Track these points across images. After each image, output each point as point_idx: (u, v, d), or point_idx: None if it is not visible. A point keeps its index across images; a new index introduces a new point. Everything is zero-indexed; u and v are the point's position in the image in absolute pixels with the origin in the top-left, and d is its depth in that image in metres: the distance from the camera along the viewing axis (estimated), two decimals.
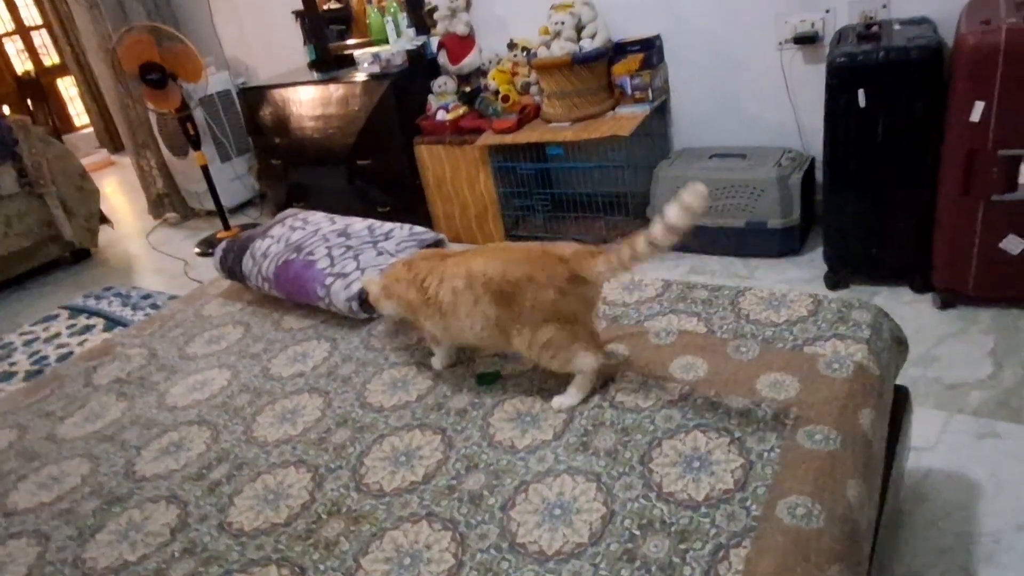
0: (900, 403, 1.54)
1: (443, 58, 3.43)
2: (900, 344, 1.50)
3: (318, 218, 2.16)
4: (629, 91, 2.98)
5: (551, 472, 1.22)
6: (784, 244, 2.74)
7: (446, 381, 1.53)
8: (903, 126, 2.19)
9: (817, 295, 1.55)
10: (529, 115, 3.13)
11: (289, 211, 2.30)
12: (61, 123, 7.25)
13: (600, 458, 1.23)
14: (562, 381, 1.40)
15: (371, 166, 3.52)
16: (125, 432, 1.61)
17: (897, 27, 2.31)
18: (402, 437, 1.39)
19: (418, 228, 2.05)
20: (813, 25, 2.65)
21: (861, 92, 2.16)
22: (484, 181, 3.24)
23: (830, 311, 1.49)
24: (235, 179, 4.57)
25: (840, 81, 2.20)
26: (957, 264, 2.21)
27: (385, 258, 1.91)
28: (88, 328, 2.86)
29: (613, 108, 3.00)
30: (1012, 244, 2.10)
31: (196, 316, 2.10)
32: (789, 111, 2.83)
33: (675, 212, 1.15)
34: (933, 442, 1.80)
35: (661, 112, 3.08)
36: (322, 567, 1.14)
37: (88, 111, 7.16)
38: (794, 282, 2.61)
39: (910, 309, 2.32)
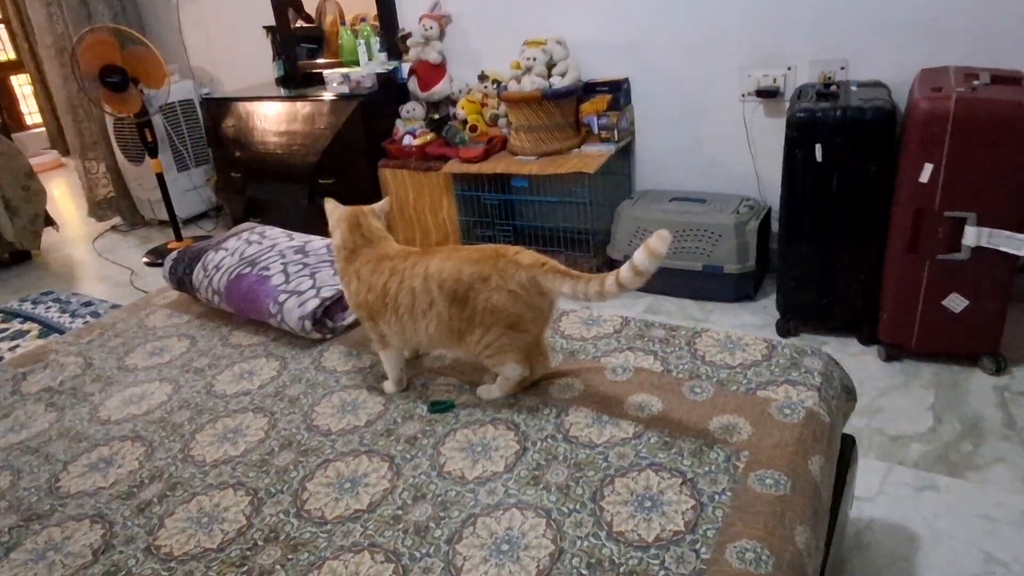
0: (846, 452, 1.57)
1: (413, 84, 3.43)
2: (849, 393, 1.52)
3: (276, 233, 2.12)
4: (596, 130, 3.02)
5: (500, 505, 1.20)
6: (739, 289, 2.79)
7: (398, 407, 1.49)
8: (856, 183, 2.26)
9: (771, 340, 1.57)
10: (496, 146, 3.15)
11: (246, 224, 2.25)
12: (12, 121, 7.02)
13: (551, 493, 1.21)
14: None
15: (333, 186, 3.48)
16: (51, 445, 1.52)
17: (854, 88, 2.41)
18: (348, 463, 1.34)
19: None
20: (775, 80, 2.74)
21: (818, 147, 2.23)
22: (447, 208, 3.23)
23: (783, 356, 1.51)
24: (191, 190, 4.47)
25: (799, 135, 2.27)
26: (902, 319, 2.27)
27: None
28: (21, 333, 2.72)
29: (579, 145, 3.04)
30: (954, 303, 2.17)
31: (139, 326, 2.02)
32: (749, 161, 2.90)
33: (642, 257, 1.23)
34: (875, 492, 1.83)
35: (626, 152, 3.13)
36: None
37: (41, 111, 6.95)
38: (747, 327, 2.65)
39: (856, 360, 2.37)
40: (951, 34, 2.42)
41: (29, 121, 7.14)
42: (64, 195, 5.77)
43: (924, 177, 2.07)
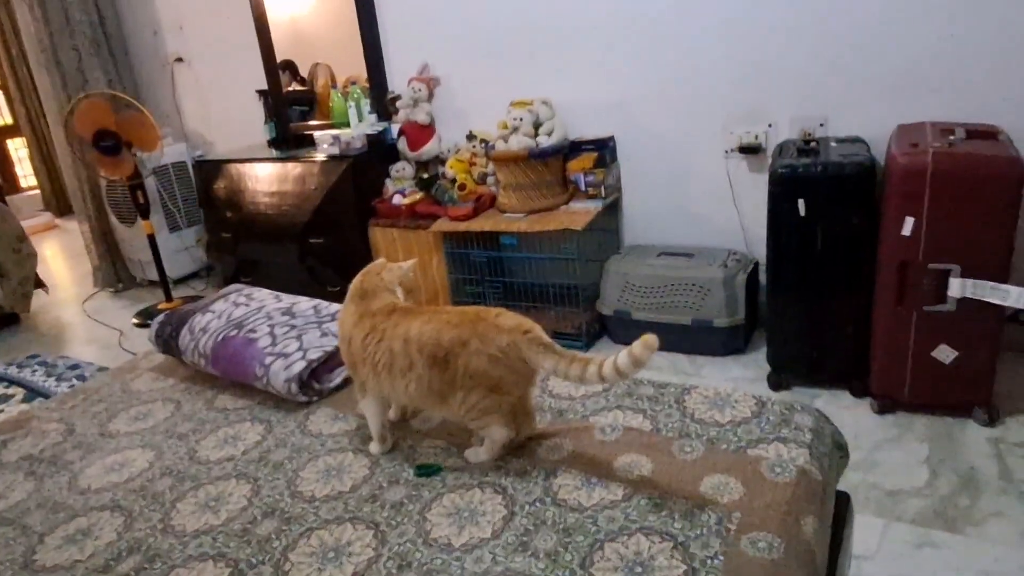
0: (841, 509, 1.54)
1: (403, 144, 3.49)
2: (841, 449, 1.51)
3: (263, 295, 2.11)
4: (583, 187, 3.07)
5: (488, 574, 1.16)
6: (729, 343, 2.79)
7: (384, 471, 1.47)
8: (840, 236, 2.29)
9: (761, 397, 1.56)
10: (484, 204, 3.18)
11: (234, 286, 2.25)
12: (7, 183, 7.07)
13: (540, 560, 1.18)
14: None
15: (324, 245, 3.50)
16: (29, 516, 1.48)
17: (833, 144, 2.46)
18: (332, 531, 1.31)
19: None
20: (757, 137, 2.80)
21: (801, 202, 2.27)
22: (437, 266, 3.25)
23: (773, 413, 1.50)
24: (182, 250, 4.49)
25: (781, 190, 2.30)
26: (893, 371, 2.27)
27: (330, 339, 1.86)
28: (6, 398, 2.69)
29: (567, 202, 3.07)
30: (944, 354, 2.17)
31: (123, 390, 1.99)
32: (734, 215, 2.94)
33: (625, 361, 1.27)
34: (874, 550, 1.79)
35: (613, 209, 3.17)
36: None
37: (36, 173, 7.03)
38: (738, 381, 2.64)
39: (849, 414, 2.36)
40: (926, 90, 2.49)
41: (24, 184, 7.20)
42: (55, 257, 5.78)
43: (906, 230, 2.09)
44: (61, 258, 5.71)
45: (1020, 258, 2.41)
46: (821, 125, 2.69)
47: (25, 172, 7.19)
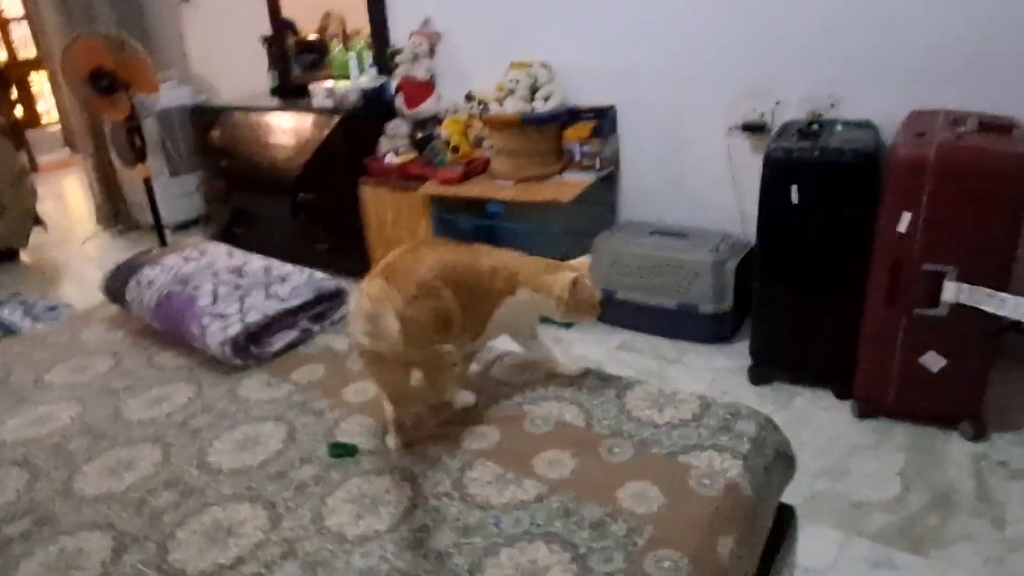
0: (783, 524, 1.44)
1: (400, 101, 3.37)
2: (786, 461, 1.40)
3: (218, 251, 2.04)
4: (577, 157, 2.93)
5: (373, 572, 1.09)
6: (715, 331, 2.67)
7: (300, 447, 1.40)
8: (834, 228, 2.14)
9: (706, 397, 1.45)
10: (476, 169, 3.07)
11: (192, 240, 2.19)
12: (29, 118, 7.10)
13: (429, 561, 1.10)
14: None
15: (314, 201, 3.43)
16: None
17: (839, 128, 2.29)
18: (227, 508, 1.25)
19: (319, 274, 1.94)
20: (762, 115, 2.62)
21: (794, 188, 2.11)
22: (424, 231, 3.15)
23: (715, 417, 1.39)
24: (183, 196, 4.45)
25: (775, 175, 2.15)
26: (878, 375, 2.13)
27: (274, 302, 1.79)
28: None
29: (560, 172, 2.94)
30: (932, 361, 2.03)
31: (71, 340, 1.95)
32: (733, 196, 2.79)
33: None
34: (827, 566, 1.69)
35: (609, 182, 3.03)
36: None
37: (59, 108, 7.04)
38: (720, 371, 2.52)
39: (828, 415, 2.23)
40: (947, 76, 2.29)
41: (46, 119, 7.23)
42: (65, 194, 5.80)
43: (902, 227, 1.94)
44: (71, 196, 5.73)
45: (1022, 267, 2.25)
46: (832, 106, 2.50)
47: (48, 107, 7.20)
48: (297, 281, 1.88)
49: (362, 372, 1.60)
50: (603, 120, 2.91)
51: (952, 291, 1.91)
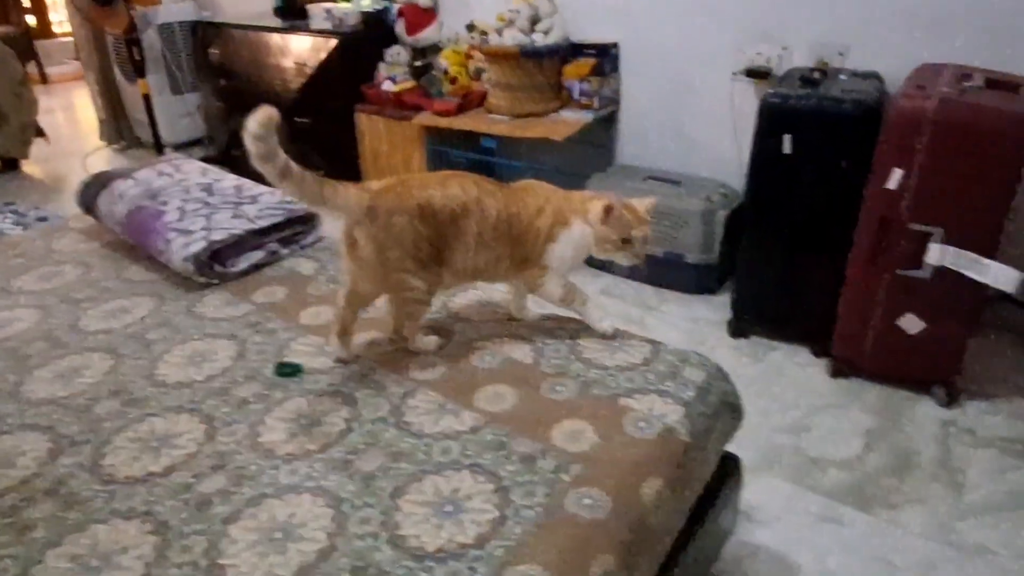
0: (727, 472, 1.43)
1: (401, 27, 3.28)
2: (732, 410, 1.38)
3: (192, 168, 2.02)
4: (576, 95, 2.85)
5: (296, 488, 1.10)
6: (700, 281, 2.63)
7: (247, 365, 1.40)
8: (828, 182, 2.07)
9: (659, 344, 1.43)
10: (472, 102, 2.99)
11: (169, 155, 2.16)
12: (42, 28, 7.02)
13: (353, 482, 1.11)
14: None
15: (310, 126, 3.37)
16: None
17: (843, 77, 2.19)
18: (167, 419, 1.26)
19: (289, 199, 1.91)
20: (768, 60, 2.52)
21: (786, 138, 2.04)
22: (418, 162, 3.10)
23: (664, 363, 1.37)
24: (186, 115, 4.40)
25: (769, 122, 2.08)
26: (855, 334, 2.09)
27: (242, 222, 1.77)
28: None
29: (558, 110, 2.87)
30: (910, 323, 1.99)
31: (44, 249, 1.96)
32: (733, 145, 2.70)
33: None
34: (773, 517, 1.69)
35: (608, 123, 2.95)
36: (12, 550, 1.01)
37: (71, 19, 6.94)
38: (700, 322, 2.49)
39: (802, 372, 2.21)
40: (964, 29, 2.18)
41: (59, 30, 7.14)
42: (73, 106, 5.77)
43: (892, 183, 1.87)
44: (80, 109, 5.70)
45: (1015, 237, 2.17)
46: (840, 54, 2.40)
47: (61, 18, 7.11)
48: (268, 202, 1.86)
49: (326, 296, 1.61)
50: (604, 58, 2.81)
51: (937, 253, 1.86)
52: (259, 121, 1.14)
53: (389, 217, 1.29)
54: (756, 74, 2.54)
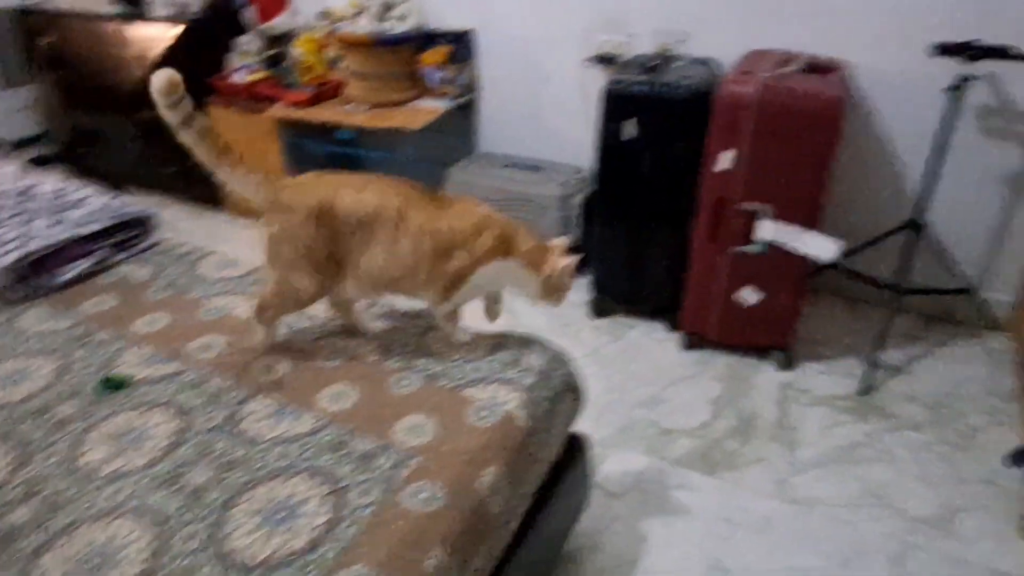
0: (574, 452, 1.48)
1: (251, 14, 3.14)
2: (574, 393, 1.42)
3: (4, 172, 1.86)
4: (434, 83, 2.83)
5: (117, 509, 1.05)
6: None
7: (72, 379, 1.31)
8: (667, 164, 2.17)
9: (504, 333, 1.46)
10: (329, 92, 2.92)
11: None
12: None
13: (180, 497, 1.07)
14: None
15: (157, 120, 3.17)
16: None
17: (679, 64, 2.29)
18: None
19: (119, 202, 1.80)
20: (616, 47, 2.60)
21: (626, 123, 2.12)
22: (274, 156, 3.00)
23: (508, 352, 1.40)
24: (22, 110, 4.03)
25: (611, 108, 2.15)
26: (702, 308, 2.22)
27: (64, 228, 1.65)
28: None
29: (416, 99, 2.84)
30: (748, 295, 2.12)
31: None
32: (587, 130, 2.77)
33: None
34: (628, 488, 1.77)
35: (467, 111, 2.95)
36: None
37: None
38: (564, 305, 2.55)
39: (659, 347, 2.32)
40: (790, 16, 2.32)
41: None
42: None
43: (722, 165, 1.98)
44: None
45: (844, 209, 2.37)
46: (682, 41, 2.50)
47: None
48: (95, 206, 1.75)
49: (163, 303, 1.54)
50: (460, 45, 2.81)
51: (766, 229, 1.99)
52: (160, 91, 1.21)
53: (284, 213, 1.27)
54: (605, 60, 2.61)
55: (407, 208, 1.28)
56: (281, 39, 3.19)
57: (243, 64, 3.10)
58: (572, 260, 1.35)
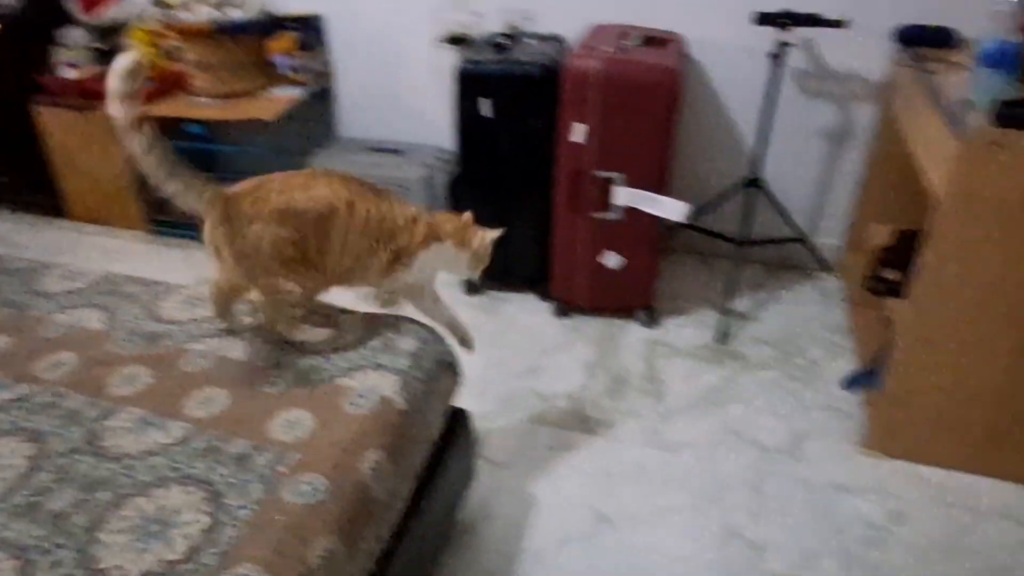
0: (456, 427, 1.53)
1: (74, 5, 2.90)
2: (450, 369, 1.47)
3: None
4: (285, 71, 2.75)
5: None
6: None
7: None
8: (523, 139, 2.23)
9: (380, 319, 1.47)
10: (171, 85, 2.76)
11: None
12: None
13: (40, 526, 1.01)
14: None
15: None
16: None
17: (528, 41, 2.36)
18: None
19: None
20: (466, 27, 2.62)
21: (483, 101, 2.16)
22: (118, 157, 2.81)
23: (379, 338, 1.41)
24: None
25: (464, 88, 2.18)
26: (569, 276, 2.32)
27: None
28: None
29: (267, 88, 2.75)
30: (610, 260, 2.24)
31: None
32: (445, 111, 2.80)
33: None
34: (513, 455, 1.85)
35: (323, 98, 2.89)
36: None
37: None
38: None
39: (532, 318, 2.40)
40: None
41: None
42: None
43: (575, 137, 2.07)
44: None
45: (690, 171, 2.53)
46: (528, 19, 2.56)
47: None
48: None
49: None
50: (308, 31, 2.74)
51: (621, 196, 2.10)
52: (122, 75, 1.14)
53: (246, 225, 1.23)
54: (456, 41, 2.63)
55: (354, 198, 1.32)
56: (112, 31, 2.98)
57: (70, 59, 2.87)
58: (495, 233, 1.52)
